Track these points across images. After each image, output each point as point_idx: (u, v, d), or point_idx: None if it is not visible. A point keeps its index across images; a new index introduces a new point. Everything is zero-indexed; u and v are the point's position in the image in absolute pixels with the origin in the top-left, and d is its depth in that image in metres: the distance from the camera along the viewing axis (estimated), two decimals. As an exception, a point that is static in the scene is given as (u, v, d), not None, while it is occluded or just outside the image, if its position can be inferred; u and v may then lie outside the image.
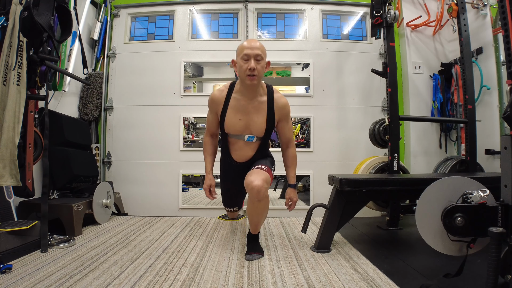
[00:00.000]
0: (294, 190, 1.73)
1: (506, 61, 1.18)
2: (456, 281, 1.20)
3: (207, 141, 1.80)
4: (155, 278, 1.31)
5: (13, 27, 1.58)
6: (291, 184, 1.74)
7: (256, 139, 1.69)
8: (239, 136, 1.68)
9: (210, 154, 1.79)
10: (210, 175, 1.74)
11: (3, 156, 1.55)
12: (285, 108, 1.69)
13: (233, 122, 1.65)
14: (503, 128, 2.31)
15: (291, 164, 1.76)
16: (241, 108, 1.64)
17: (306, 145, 2.82)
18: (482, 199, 1.21)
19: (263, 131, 1.66)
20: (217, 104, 1.67)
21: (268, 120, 1.65)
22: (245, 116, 1.64)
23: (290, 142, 1.76)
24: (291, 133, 1.77)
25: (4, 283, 1.23)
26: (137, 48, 2.85)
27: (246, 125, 1.65)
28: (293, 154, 1.77)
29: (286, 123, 1.72)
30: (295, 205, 1.74)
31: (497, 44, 2.40)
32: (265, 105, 1.64)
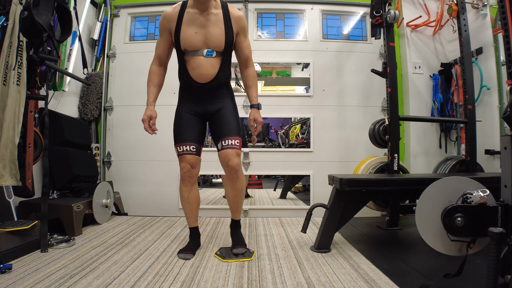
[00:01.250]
0: (258, 111, 1.64)
1: (506, 61, 1.18)
2: (456, 281, 1.20)
3: (153, 70, 1.67)
4: (155, 278, 1.31)
5: (13, 27, 1.58)
6: (255, 103, 1.64)
7: (216, 54, 1.57)
8: (197, 52, 1.56)
9: (154, 84, 1.67)
10: (152, 107, 1.64)
11: (3, 156, 1.55)
12: (242, 20, 1.62)
13: (188, 35, 1.55)
14: (503, 128, 2.31)
15: (251, 83, 1.68)
16: (196, 21, 1.55)
17: (306, 145, 2.82)
18: (482, 199, 1.21)
19: (222, 43, 1.56)
20: (170, 21, 1.58)
21: (227, 31, 1.56)
22: (201, 29, 1.55)
23: (248, 61, 1.68)
24: (250, 50, 1.68)
25: (4, 283, 1.23)
26: (137, 48, 2.85)
27: (204, 39, 1.55)
28: (253, 73, 1.69)
29: (244, 38, 1.64)
30: (261, 126, 1.64)
31: (497, 44, 2.40)
32: (221, 16, 1.57)
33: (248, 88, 1.68)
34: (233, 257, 1.57)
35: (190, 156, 1.62)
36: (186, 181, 1.64)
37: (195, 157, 1.64)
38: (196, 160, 1.64)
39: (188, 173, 1.62)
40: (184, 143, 1.62)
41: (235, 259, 1.55)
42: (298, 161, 2.75)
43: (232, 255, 1.60)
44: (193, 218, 1.71)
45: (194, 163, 1.63)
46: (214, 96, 1.64)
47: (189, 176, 1.63)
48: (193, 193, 1.67)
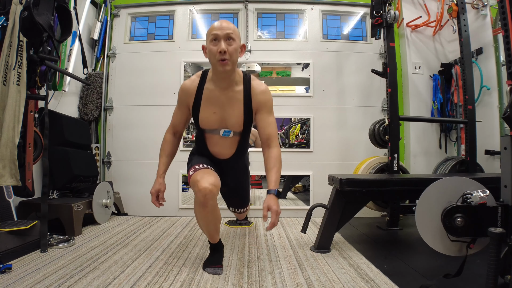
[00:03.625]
0: (275, 198, 1.33)
1: (506, 62, 1.18)
2: (456, 281, 1.20)
3: (167, 139, 1.56)
4: (155, 278, 1.31)
5: (13, 27, 1.58)
6: (272, 189, 1.36)
7: (233, 134, 1.49)
8: (214, 131, 1.49)
9: (166, 154, 1.55)
10: (161, 179, 1.51)
11: (3, 156, 1.55)
12: (264, 95, 1.45)
13: (206, 116, 1.45)
14: (503, 128, 2.31)
15: (273, 166, 1.40)
16: (214, 100, 1.43)
17: (306, 145, 2.82)
18: (482, 200, 1.21)
19: (240, 125, 1.46)
20: (188, 96, 1.47)
21: (246, 112, 1.43)
22: (220, 108, 1.44)
23: (272, 140, 1.44)
24: (274, 128, 1.46)
25: (3, 283, 1.23)
26: (137, 48, 2.85)
27: (221, 119, 1.45)
28: (277, 155, 1.42)
29: (266, 114, 1.45)
30: (277, 218, 1.29)
31: (497, 44, 2.40)
32: (241, 94, 1.43)
33: (269, 171, 1.41)
34: (237, 225, 2.24)
35: (210, 170, 1.39)
36: (209, 204, 1.30)
37: (215, 174, 1.38)
38: (217, 179, 1.36)
39: (211, 195, 1.28)
40: (202, 164, 1.44)
41: (238, 226, 2.23)
42: (298, 161, 2.75)
43: (237, 224, 2.25)
44: (216, 235, 1.47)
45: (215, 182, 1.32)
46: (230, 169, 1.63)
47: (211, 199, 1.30)
48: (216, 213, 1.38)
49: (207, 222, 1.40)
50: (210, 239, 1.48)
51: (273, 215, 1.29)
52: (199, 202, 1.31)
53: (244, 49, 1.44)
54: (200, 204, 1.32)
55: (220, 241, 1.52)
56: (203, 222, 1.41)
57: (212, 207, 1.33)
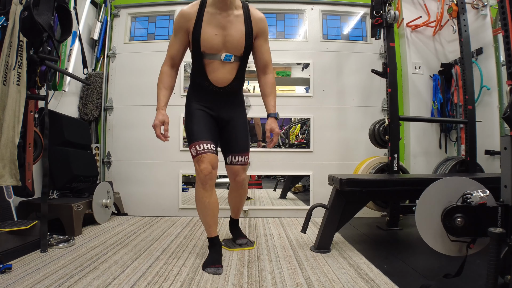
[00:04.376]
0: (276, 120, 1.54)
1: (506, 62, 1.18)
2: (456, 281, 1.20)
3: (165, 71, 1.54)
4: (154, 278, 1.31)
5: (13, 27, 1.58)
6: (272, 113, 1.54)
7: (234, 59, 1.49)
8: (215, 56, 1.48)
9: (166, 87, 1.53)
10: (164, 111, 1.48)
11: (3, 156, 1.55)
12: (263, 22, 1.53)
13: (209, 36, 1.44)
14: (503, 128, 2.32)
15: (270, 91, 1.57)
16: (216, 22, 1.45)
17: (306, 145, 2.82)
18: (482, 200, 1.21)
19: (242, 47, 1.49)
20: (188, 20, 1.46)
21: (247, 34, 1.48)
22: (222, 30, 1.45)
23: (268, 67, 1.58)
24: (270, 55, 1.58)
25: (3, 283, 1.23)
26: (137, 48, 2.85)
27: (223, 41, 1.46)
28: (273, 81, 1.59)
29: (264, 41, 1.55)
30: (278, 137, 1.53)
31: (497, 44, 2.40)
32: (242, 18, 1.48)
33: (266, 96, 1.58)
34: (237, 247, 1.74)
35: (212, 155, 1.45)
36: (208, 184, 1.45)
37: (216, 157, 1.48)
38: (217, 160, 1.48)
39: (210, 176, 1.44)
40: (203, 142, 1.46)
41: (239, 248, 1.73)
42: (298, 161, 2.75)
43: (236, 245, 1.75)
44: (214, 227, 1.53)
45: (215, 163, 1.47)
46: (227, 102, 1.58)
47: (210, 179, 1.45)
48: (214, 198, 1.49)
49: (205, 206, 1.47)
50: (208, 231, 1.53)
51: (275, 136, 1.52)
52: (200, 180, 1.44)
53: None
54: (201, 182, 1.44)
55: (218, 237, 1.55)
56: (201, 205, 1.48)
57: (211, 187, 1.46)
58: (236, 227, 1.88)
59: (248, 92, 3.17)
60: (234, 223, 1.88)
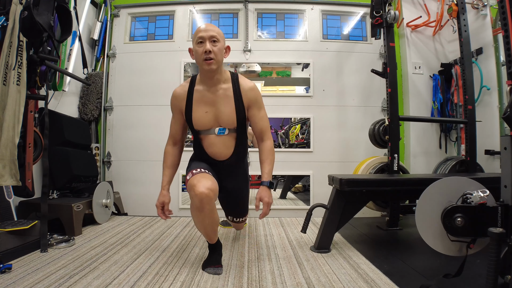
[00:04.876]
0: (268, 190, 1.43)
1: (506, 62, 1.18)
2: (456, 281, 1.20)
3: (168, 151, 1.59)
4: (154, 278, 1.31)
5: (13, 27, 1.58)
6: (265, 181, 1.45)
7: (228, 132, 1.50)
8: (209, 131, 1.50)
9: (169, 166, 1.57)
10: (165, 191, 1.52)
11: (3, 156, 1.55)
12: (253, 91, 1.49)
13: (200, 115, 1.48)
14: (503, 128, 2.31)
15: (266, 158, 1.51)
16: (205, 99, 1.47)
17: (306, 145, 2.82)
18: (482, 200, 1.21)
19: (234, 121, 1.48)
20: (180, 101, 1.51)
21: (237, 107, 1.47)
22: (211, 107, 1.47)
23: (265, 134, 1.53)
24: (265, 122, 1.54)
25: (3, 283, 1.23)
26: (137, 48, 2.85)
27: (215, 117, 1.48)
28: (269, 147, 1.53)
29: (257, 110, 1.51)
30: (269, 208, 1.41)
31: (497, 44, 2.40)
32: (231, 91, 1.47)
33: (262, 163, 1.52)
34: (228, 225, 2.14)
35: (210, 175, 1.39)
36: (206, 209, 1.32)
37: (215, 182, 1.38)
38: (215, 186, 1.37)
39: (207, 199, 1.29)
40: (199, 168, 1.42)
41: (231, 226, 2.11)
42: (298, 161, 2.75)
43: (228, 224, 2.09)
44: (214, 236, 1.48)
45: (213, 187, 1.33)
46: (230, 173, 1.60)
47: (208, 203, 1.31)
48: (214, 216, 1.38)
49: (204, 226, 1.40)
50: (208, 240, 1.49)
51: (264, 206, 1.41)
52: (196, 206, 1.33)
53: (228, 50, 1.50)
54: (197, 208, 1.33)
55: (219, 240, 1.53)
56: (200, 225, 1.42)
57: (209, 211, 1.34)
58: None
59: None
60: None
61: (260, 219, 1.48)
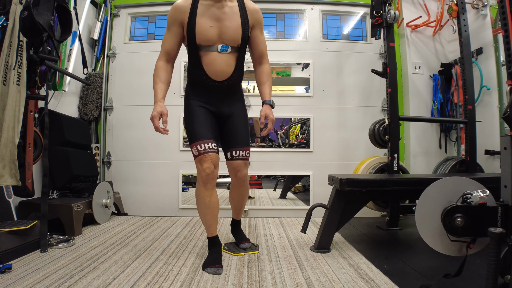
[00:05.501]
0: (271, 108, 1.53)
1: (506, 62, 1.18)
2: (456, 281, 1.20)
3: (160, 66, 1.51)
4: (154, 278, 1.31)
5: (13, 26, 1.58)
6: (267, 100, 1.53)
7: (231, 50, 1.48)
8: (211, 47, 1.46)
9: (163, 81, 1.49)
10: (162, 103, 1.44)
11: (3, 156, 1.55)
12: (258, 13, 1.53)
13: (204, 28, 1.43)
14: (503, 128, 2.31)
15: (266, 80, 1.57)
16: (210, 13, 1.44)
17: (306, 145, 2.82)
18: (482, 200, 1.21)
19: (239, 38, 1.47)
20: (182, 12, 1.45)
21: (243, 25, 1.47)
22: (217, 22, 1.44)
23: (264, 57, 1.59)
24: (265, 46, 1.59)
25: (3, 283, 1.23)
26: (137, 48, 2.85)
27: (219, 33, 1.45)
28: (268, 70, 1.59)
29: (260, 32, 1.55)
30: (273, 124, 1.51)
31: (497, 44, 2.40)
32: (237, 9, 1.48)
33: (261, 85, 1.58)
34: (242, 251, 1.67)
35: (214, 154, 1.46)
36: (209, 184, 1.46)
37: (218, 156, 1.48)
38: (218, 159, 1.49)
39: (212, 175, 1.45)
40: (205, 141, 1.45)
41: (244, 253, 1.65)
42: (298, 161, 2.75)
43: (241, 249, 1.69)
44: (214, 226, 1.53)
45: (217, 163, 1.48)
46: (227, 97, 1.56)
47: (212, 178, 1.46)
48: (214, 197, 1.49)
49: (205, 205, 1.47)
50: (208, 230, 1.53)
51: (269, 123, 1.51)
52: (202, 179, 1.45)
53: None
54: (203, 181, 1.45)
55: (218, 238, 1.55)
56: (202, 204, 1.48)
57: (212, 186, 1.47)
58: (238, 229, 1.83)
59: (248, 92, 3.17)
60: (236, 225, 1.83)
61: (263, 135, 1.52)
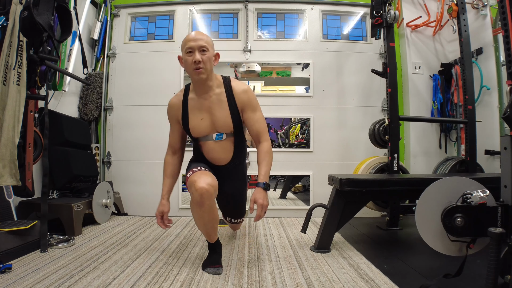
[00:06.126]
0: (263, 191, 1.40)
1: (506, 62, 1.18)
2: (456, 281, 1.20)
3: (167, 161, 1.59)
4: (154, 278, 1.31)
5: (13, 26, 1.58)
6: (260, 182, 1.42)
7: (226, 136, 1.51)
8: (207, 137, 1.52)
9: (168, 175, 1.57)
10: (164, 201, 1.51)
11: (3, 156, 1.55)
12: (246, 93, 1.48)
13: (196, 123, 1.49)
14: (503, 128, 2.31)
15: (263, 159, 1.49)
16: (200, 106, 1.49)
17: (306, 145, 2.82)
18: (482, 200, 1.21)
19: (230, 125, 1.49)
20: (175, 110, 1.53)
21: (232, 111, 1.47)
22: (206, 113, 1.48)
23: (261, 136, 1.51)
24: (261, 124, 1.52)
25: (3, 283, 1.23)
26: (137, 48, 2.85)
27: (211, 123, 1.49)
28: (267, 149, 1.50)
29: (251, 112, 1.49)
30: (263, 211, 1.37)
31: (497, 44, 2.40)
32: (224, 96, 1.48)
33: (259, 164, 1.50)
34: (224, 224, 1.99)
35: (210, 173, 1.42)
36: (205, 205, 1.33)
37: (214, 179, 1.39)
38: (215, 182, 1.38)
39: (207, 194, 1.31)
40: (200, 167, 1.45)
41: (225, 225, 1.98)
42: (298, 161, 2.75)
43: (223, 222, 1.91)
44: (214, 234, 1.48)
45: (213, 183, 1.35)
46: (229, 177, 1.62)
47: (208, 199, 1.32)
48: (214, 213, 1.40)
49: (204, 223, 1.41)
50: (208, 239, 1.50)
51: (258, 208, 1.37)
52: (196, 202, 1.34)
53: (218, 57, 1.50)
54: (197, 204, 1.34)
55: (218, 240, 1.53)
56: (200, 222, 1.43)
57: (209, 207, 1.35)
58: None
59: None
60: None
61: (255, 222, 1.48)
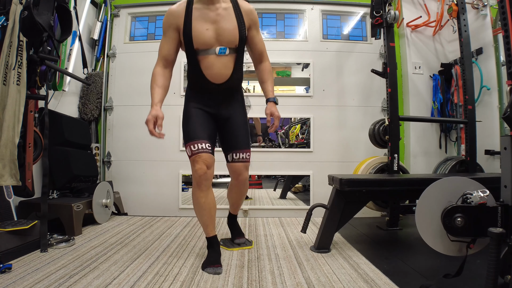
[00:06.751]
0: (275, 105, 1.58)
1: (506, 62, 1.18)
2: (456, 281, 1.20)
3: (157, 71, 1.49)
4: (154, 278, 1.31)
5: (13, 26, 1.58)
6: (271, 97, 1.58)
7: (229, 51, 1.48)
8: (209, 51, 1.46)
9: (160, 85, 1.47)
10: (158, 107, 1.41)
11: (3, 156, 1.55)
12: (253, 13, 1.55)
13: (200, 32, 1.43)
14: (503, 128, 2.31)
15: (267, 77, 1.61)
16: (205, 16, 1.44)
17: (306, 145, 2.82)
18: (482, 200, 1.21)
19: (236, 38, 1.47)
20: (177, 17, 1.46)
21: (239, 25, 1.48)
22: (213, 24, 1.45)
23: (263, 55, 1.62)
24: (264, 44, 1.62)
25: (3, 283, 1.23)
26: (137, 48, 2.85)
27: (216, 35, 1.45)
28: (269, 67, 1.63)
29: (256, 31, 1.57)
30: (279, 120, 1.56)
31: (497, 44, 2.40)
32: (231, 10, 1.48)
33: (264, 83, 1.62)
34: (235, 246, 1.74)
35: (207, 155, 1.44)
36: (203, 184, 1.45)
37: (211, 157, 1.47)
38: (212, 160, 1.47)
39: (205, 176, 1.43)
40: (198, 141, 1.45)
41: (238, 248, 1.72)
42: (298, 161, 2.75)
43: (235, 244, 1.75)
44: (211, 226, 1.52)
45: (210, 163, 1.45)
46: (226, 99, 1.57)
47: (205, 179, 1.44)
48: (210, 197, 1.49)
49: (201, 206, 1.47)
50: (205, 230, 1.53)
51: (275, 120, 1.54)
52: (196, 180, 1.45)
53: None
54: (196, 182, 1.45)
55: (216, 237, 1.55)
56: (198, 205, 1.49)
57: (206, 187, 1.46)
58: (234, 222, 1.88)
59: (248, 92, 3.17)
60: (233, 219, 1.88)
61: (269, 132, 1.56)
